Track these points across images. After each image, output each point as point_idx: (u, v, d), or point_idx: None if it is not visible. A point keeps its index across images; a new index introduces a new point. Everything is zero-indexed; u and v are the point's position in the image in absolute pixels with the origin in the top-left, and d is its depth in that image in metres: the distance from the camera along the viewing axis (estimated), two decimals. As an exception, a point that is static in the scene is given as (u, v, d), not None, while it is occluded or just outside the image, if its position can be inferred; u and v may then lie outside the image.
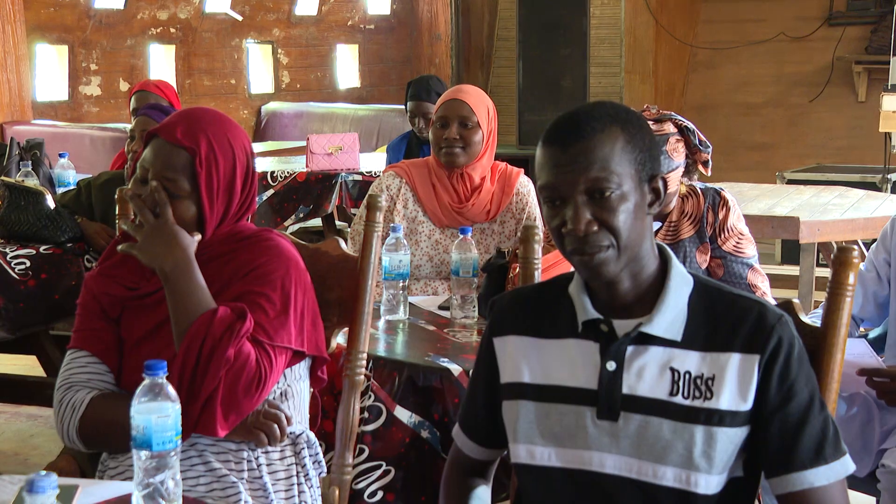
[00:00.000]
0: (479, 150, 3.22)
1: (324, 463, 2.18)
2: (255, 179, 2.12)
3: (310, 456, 2.13)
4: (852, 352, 1.78)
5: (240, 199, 2.09)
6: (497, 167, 3.32)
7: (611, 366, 1.64)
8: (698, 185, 2.91)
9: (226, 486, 1.99)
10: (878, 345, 2.67)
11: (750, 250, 2.87)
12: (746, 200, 4.68)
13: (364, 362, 2.27)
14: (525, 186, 3.31)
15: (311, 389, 2.22)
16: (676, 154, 2.76)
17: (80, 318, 2.10)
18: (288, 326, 2.03)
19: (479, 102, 3.26)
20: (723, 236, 2.85)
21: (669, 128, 2.76)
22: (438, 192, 3.25)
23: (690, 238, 2.85)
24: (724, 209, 2.86)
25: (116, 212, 2.59)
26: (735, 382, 1.60)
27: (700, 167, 2.88)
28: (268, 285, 2.03)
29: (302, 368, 2.15)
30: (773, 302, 2.76)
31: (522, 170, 3.36)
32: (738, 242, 2.85)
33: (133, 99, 4.66)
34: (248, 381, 1.95)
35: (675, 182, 2.79)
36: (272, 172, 5.37)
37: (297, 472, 2.11)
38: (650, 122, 2.73)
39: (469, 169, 3.24)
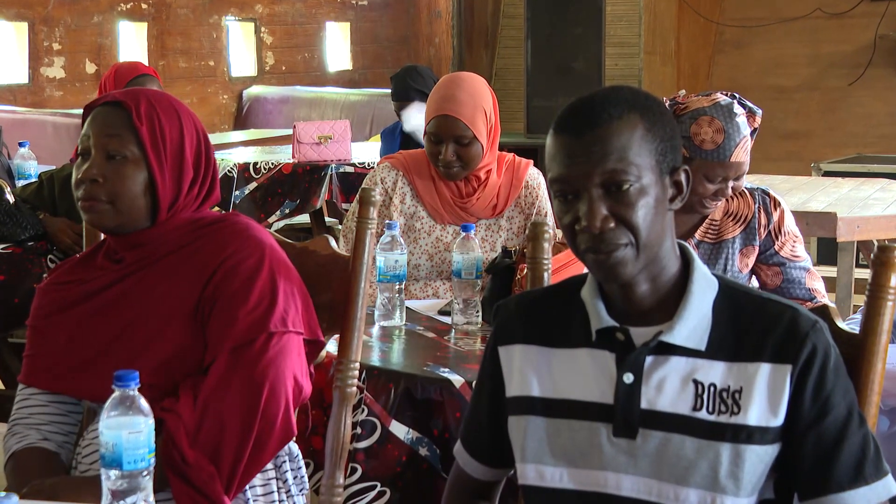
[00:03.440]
0: (479, 160, 3.22)
1: (307, 480, 2.19)
2: (213, 162, 2.13)
3: (291, 471, 2.14)
4: (890, 360, 1.78)
5: (193, 175, 2.09)
6: (504, 158, 3.32)
7: (628, 378, 1.64)
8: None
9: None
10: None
11: (803, 252, 2.87)
12: (779, 194, 4.68)
13: (356, 373, 2.28)
14: (535, 179, 3.31)
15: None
16: (751, 119, 2.75)
17: (30, 342, 2.13)
18: (276, 311, 2.03)
19: (475, 109, 3.19)
20: (780, 240, 2.83)
21: (719, 96, 2.75)
22: (439, 186, 3.25)
23: (735, 239, 2.83)
24: (778, 210, 2.84)
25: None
26: (765, 395, 1.60)
27: None
28: (244, 282, 2.03)
29: None
30: (832, 304, 2.76)
31: (532, 161, 3.36)
32: (793, 246, 2.85)
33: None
34: (256, 394, 1.96)
35: (747, 153, 2.75)
36: (255, 164, 5.38)
37: (279, 489, 2.12)
38: (702, 97, 2.72)
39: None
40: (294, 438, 2.14)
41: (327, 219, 5.93)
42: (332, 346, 2.35)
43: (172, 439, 1.94)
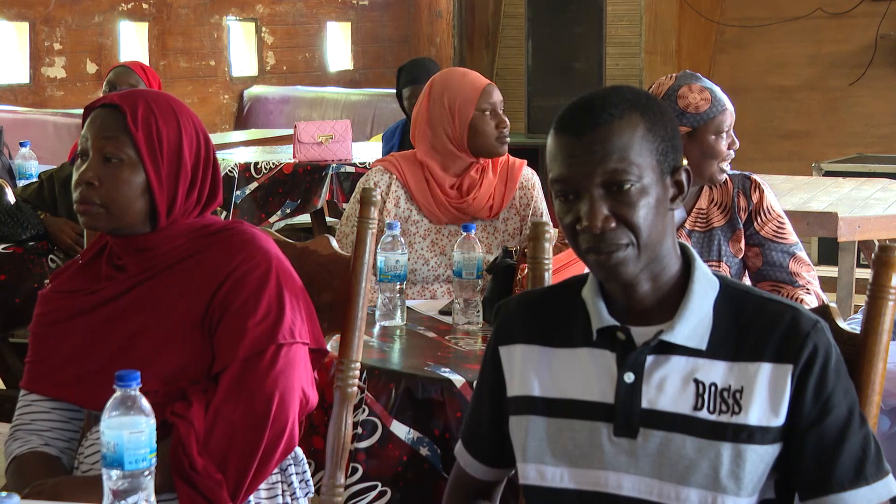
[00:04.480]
0: None
1: (311, 483, 2.19)
2: (214, 165, 2.11)
3: (297, 474, 2.14)
4: (891, 360, 1.78)
5: (192, 179, 2.07)
6: (498, 158, 3.32)
7: (629, 377, 1.64)
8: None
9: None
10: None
11: (793, 236, 2.89)
12: (779, 194, 4.67)
13: (357, 373, 2.28)
14: (529, 180, 3.31)
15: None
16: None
17: (33, 349, 2.12)
18: (285, 323, 2.04)
19: None
20: (759, 220, 2.86)
21: (669, 74, 2.85)
22: (433, 188, 3.25)
23: (722, 227, 2.87)
24: (758, 192, 2.88)
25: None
26: (766, 395, 1.60)
27: None
28: (252, 293, 2.03)
29: None
30: (825, 296, 2.77)
31: (526, 161, 3.36)
32: (778, 226, 2.86)
33: (110, 77, 4.52)
34: (261, 409, 1.97)
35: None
36: (256, 164, 5.38)
37: (283, 492, 2.12)
38: (660, 83, 2.79)
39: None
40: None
41: (328, 219, 5.93)
42: (332, 346, 2.35)
43: (183, 446, 1.94)
